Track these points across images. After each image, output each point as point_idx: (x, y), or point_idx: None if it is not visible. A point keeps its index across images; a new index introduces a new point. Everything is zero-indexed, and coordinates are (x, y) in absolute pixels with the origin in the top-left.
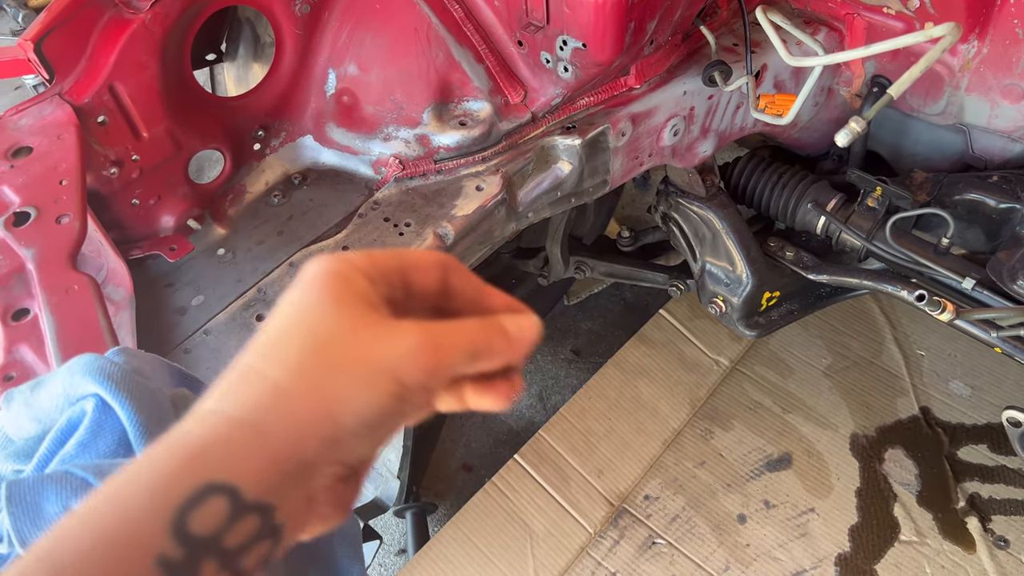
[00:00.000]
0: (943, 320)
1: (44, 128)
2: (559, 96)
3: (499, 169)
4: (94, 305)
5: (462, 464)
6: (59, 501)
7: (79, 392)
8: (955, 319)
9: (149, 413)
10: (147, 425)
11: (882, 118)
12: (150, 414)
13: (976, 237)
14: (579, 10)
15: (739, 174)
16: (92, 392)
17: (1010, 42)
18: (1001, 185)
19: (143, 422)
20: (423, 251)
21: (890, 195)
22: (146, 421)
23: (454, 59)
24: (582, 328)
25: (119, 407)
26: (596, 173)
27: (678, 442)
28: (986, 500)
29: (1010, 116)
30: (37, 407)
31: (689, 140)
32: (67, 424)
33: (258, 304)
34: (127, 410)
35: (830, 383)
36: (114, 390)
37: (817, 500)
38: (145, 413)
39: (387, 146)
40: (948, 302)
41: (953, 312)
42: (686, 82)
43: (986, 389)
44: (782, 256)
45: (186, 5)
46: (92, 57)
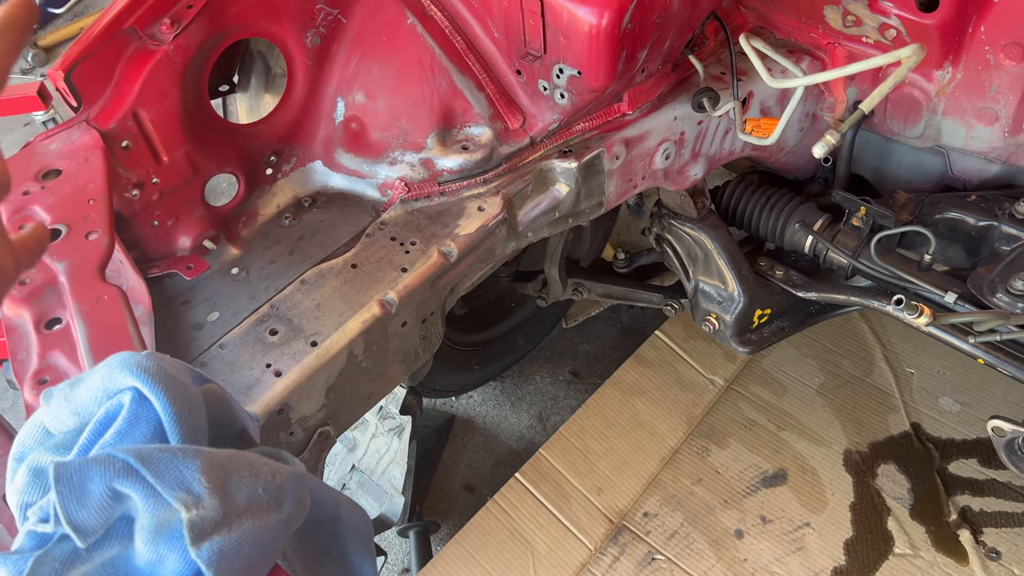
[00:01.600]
0: (921, 324)
1: (72, 152)
2: (556, 121)
3: (500, 191)
4: (123, 313)
5: (464, 484)
6: (103, 481)
7: (117, 386)
8: (932, 323)
9: (183, 404)
10: (181, 415)
11: (865, 143)
12: (183, 405)
13: (957, 254)
14: (574, 40)
15: (729, 196)
16: (129, 386)
17: (982, 68)
18: (979, 204)
19: (177, 412)
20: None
21: (874, 214)
22: (180, 411)
23: (456, 87)
24: (580, 350)
25: (155, 398)
26: (592, 195)
27: (675, 460)
28: (977, 513)
29: (985, 138)
30: (76, 402)
31: (680, 164)
32: (105, 416)
33: (271, 319)
34: (162, 401)
35: (823, 401)
36: (150, 383)
37: (812, 515)
38: (179, 404)
39: (393, 170)
40: (925, 307)
41: (930, 316)
42: (676, 108)
43: (975, 405)
44: (772, 275)
45: (206, 37)
46: (118, 85)
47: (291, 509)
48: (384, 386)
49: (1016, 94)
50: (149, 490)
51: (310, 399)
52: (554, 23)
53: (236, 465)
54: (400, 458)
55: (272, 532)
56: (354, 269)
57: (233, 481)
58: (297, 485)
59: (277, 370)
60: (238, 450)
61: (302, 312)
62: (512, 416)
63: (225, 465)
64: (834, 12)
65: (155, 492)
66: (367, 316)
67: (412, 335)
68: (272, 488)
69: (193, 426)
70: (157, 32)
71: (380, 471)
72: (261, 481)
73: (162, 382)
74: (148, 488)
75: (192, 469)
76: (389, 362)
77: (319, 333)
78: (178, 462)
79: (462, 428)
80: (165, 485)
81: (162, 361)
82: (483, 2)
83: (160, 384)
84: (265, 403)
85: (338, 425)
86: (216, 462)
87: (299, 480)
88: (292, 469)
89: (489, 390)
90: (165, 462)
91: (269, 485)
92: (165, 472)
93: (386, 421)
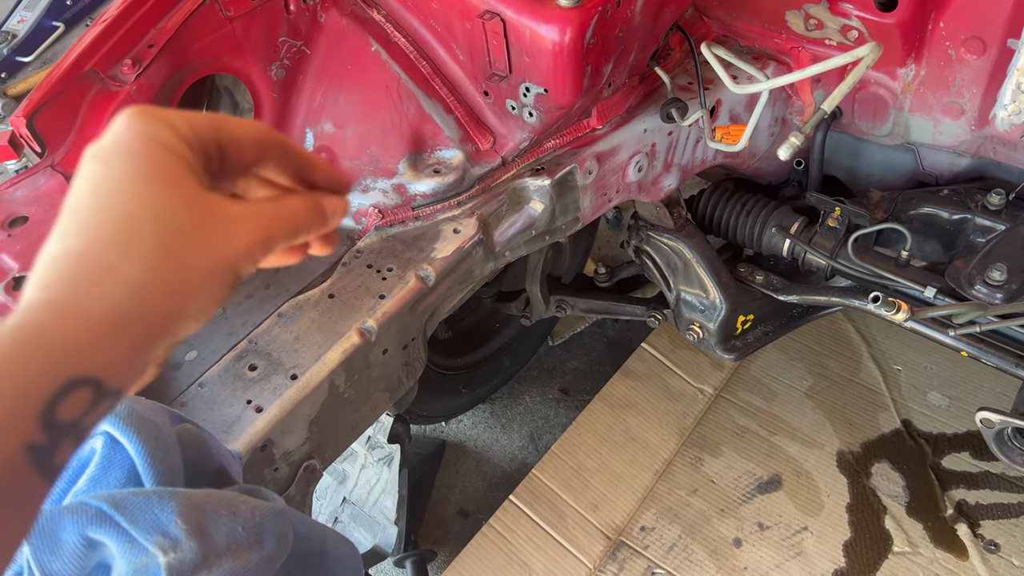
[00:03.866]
0: (899, 320)
1: (39, 198)
2: (526, 140)
3: (474, 212)
4: None
5: (458, 510)
6: (75, 530)
7: None
8: (910, 319)
9: (156, 446)
10: (155, 456)
11: (836, 144)
12: (156, 447)
13: (934, 248)
14: (538, 58)
15: (705, 205)
16: (101, 431)
17: (945, 63)
18: (952, 198)
19: (151, 454)
20: (243, 124)
21: (849, 214)
22: (153, 453)
23: (425, 112)
24: (568, 367)
25: (127, 442)
26: (567, 211)
27: (669, 472)
28: (973, 506)
29: (953, 132)
30: None
31: (653, 175)
32: (77, 463)
33: (250, 355)
34: (135, 444)
35: (813, 403)
36: (121, 426)
37: (809, 518)
38: (152, 446)
39: (366, 197)
40: (902, 303)
41: (908, 312)
42: (646, 120)
43: (963, 398)
44: (752, 280)
45: (168, 75)
46: (82, 129)
47: (272, 546)
48: (368, 416)
49: (980, 87)
50: (124, 536)
51: (293, 433)
52: (517, 43)
53: (214, 505)
54: (391, 487)
55: (254, 570)
56: (331, 299)
57: (211, 521)
58: (278, 521)
59: (258, 406)
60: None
61: (281, 345)
62: (503, 438)
63: (202, 505)
64: (796, 17)
65: (131, 538)
66: (347, 346)
67: (394, 362)
68: (252, 526)
69: (168, 467)
70: (119, 73)
71: (372, 502)
72: (240, 519)
73: (133, 425)
74: (123, 534)
75: (168, 511)
76: (372, 391)
77: (299, 366)
78: (153, 505)
79: (453, 453)
80: (140, 530)
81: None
82: (447, 26)
83: (132, 427)
84: (248, 440)
85: (324, 458)
86: (193, 503)
87: (279, 516)
88: (272, 505)
89: (479, 413)
90: (140, 506)
91: (248, 523)
92: (140, 516)
93: (375, 451)
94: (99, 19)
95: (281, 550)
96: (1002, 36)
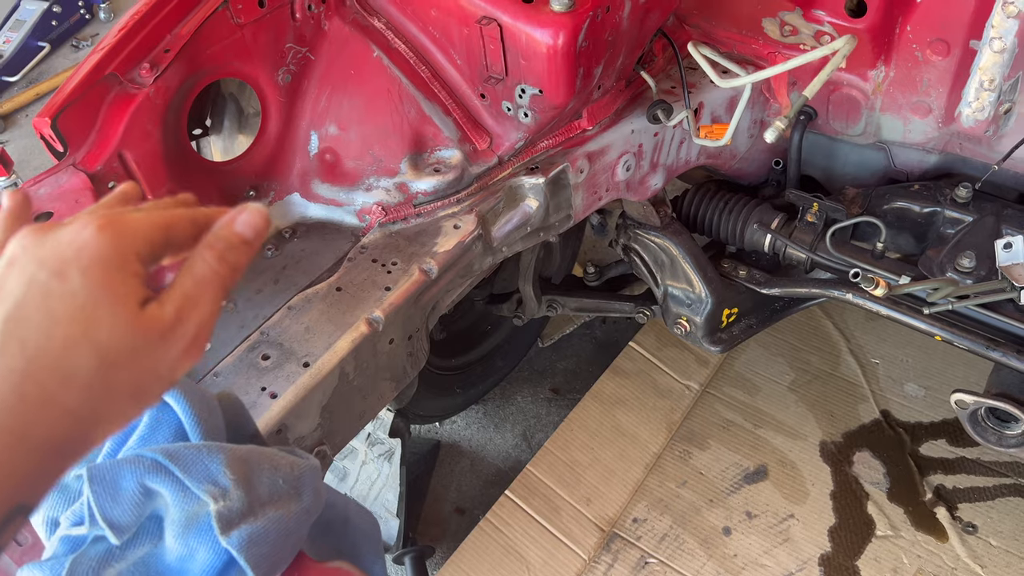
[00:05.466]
0: (879, 295)
1: (62, 195)
2: (521, 140)
3: (473, 208)
4: None
5: (455, 507)
6: (134, 478)
7: None
8: (888, 294)
9: (201, 407)
10: (201, 416)
11: (812, 144)
12: (202, 407)
13: (907, 241)
14: (533, 60)
15: (689, 204)
16: None
17: (912, 64)
18: (923, 192)
19: (197, 413)
20: (186, 223)
21: (826, 209)
22: (200, 412)
23: (425, 114)
24: (558, 368)
25: (175, 403)
26: (560, 208)
27: (659, 465)
28: (951, 490)
29: (921, 130)
30: None
31: (641, 175)
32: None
33: (262, 345)
34: (182, 404)
35: (795, 397)
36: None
37: (795, 506)
38: (198, 407)
39: (369, 196)
40: (880, 280)
41: (885, 287)
42: (633, 122)
43: (938, 388)
44: (736, 275)
45: (184, 78)
46: (102, 129)
47: (310, 499)
48: (375, 404)
49: (945, 86)
50: (178, 485)
51: (306, 418)
52: (513, 46)
53: (257, 459)
54: (392, 481)
55: (295, 520)
56: (339, 292)
57: (255, 473)
58: (314, 477)
59: (273, 392)
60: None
61: (292, 336)
62: (497, 437)
63: (247, 459)
64: (772, 24)
65: (184, 487)
66: (355, 335)
67: (399, 352)
68: (291, 479)
69: (212, 427)
70: (137, 76)
71: (373, 497)
72: (281, 473)
73: (181, 387)
74: (177, 483)
75: (217, 463)
76: (379, 379)
77: (310, 354)
78: (204, 457)
79: (448, 453)
80: (193, 479)
81: None
82: (445, 32)
83: (179, 389)
84: (264, 424)
85: (334, 444)
86: (239, 456)
87: (315, 472)
88: (308, 462)
89: (472, 414)
90: (192, 458)
91: (288, 476)
92: (192, 467)
93: (375, 447)
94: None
95: (317, 504)
96: (965, 38)
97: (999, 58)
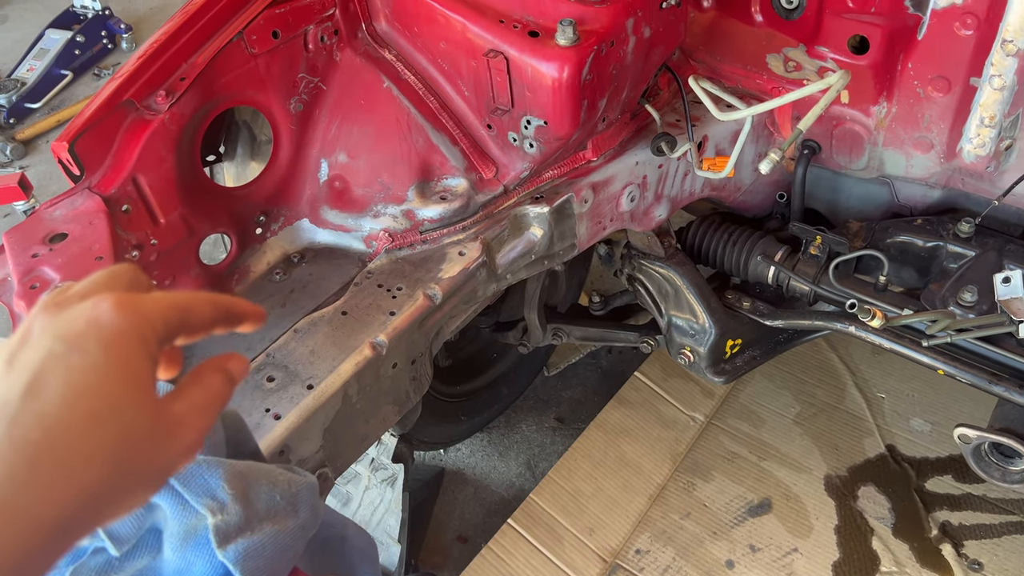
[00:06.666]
0: (875, 326)
1: (77, 217)
2: (527, 170)
3: (478, 236)
4: None
5: (457, 535)
6: None
7: None
8: (885, 325)
9: None
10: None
11: (816, 178)
12: None
13: (910, 274)
14: (539, 92)
15: (694, 235)
16: None
17: (913, 100)
18: (926, 227)
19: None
20: (201, 307)
21: (830, 242)
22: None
23: (432, 143)
24: (563, 396)
25: None
26: (564, 237)
27: (663, 496)
28: (957, 527)
29: (924, 165)
30: None
31: (645, 205)
32: None
33: (268, 367)
34: None
35: (800, 430)
36: None
37: (799, 540)
38: None
39: (377, 222)
40: (876, 311)
41: (882, 318)
42: (637, 154)
43: (944, 424)
44: (740, 306)
45: (198, 106)
46: (117, 153)
47: (306, 515)
48: (378, 427)
49: (947, 122)
50: (177, 498)
51: (309, 440)
52: (520, 79)
53: (255, 474)
54: (394, 507)
55: (291, 535)
56: (344, 316)
57: (253, 489)
58: (311, 493)
59: (276, 413)
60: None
61: (297, 359)
62: (501, 465)
63: (245, 474)
64: (776, 59)
65: (183, 500)
66: (359, 358)
67: (403, 376)
68: (288, 495)
69: (212, 443)
70: (153, 103)
71: (375, 522)
72: (279, 489)
73: None
74: (176, 496)
75: (216, 477)
76: (382, 403)
77: (315, 377)
78: (203, 471)
79: (452, 480)
80: (192, 493)
81: None
82: (453, 64)
83: None
84: (266, 445)
85: (336, 467)
86: (237, 471)
87: (312, 489)
88: (305, 479)
89: (476, 441)
90: (191, 472)
91: (286, 493)
92: (191, 481)
93: (378, 472)
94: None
95: (313, 521)
96: (965, 75)
97: (999, 95)
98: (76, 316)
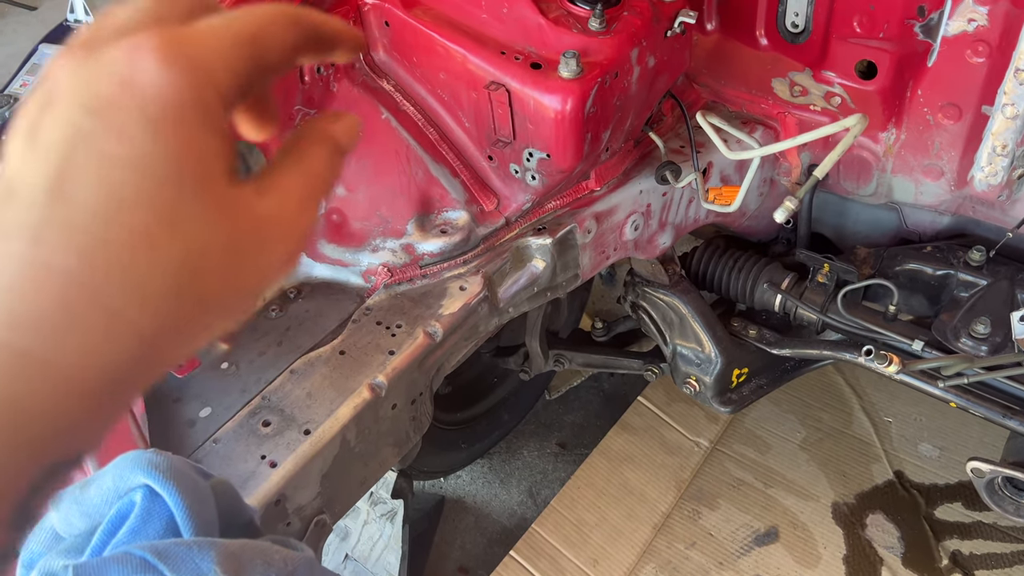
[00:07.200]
0: (891, 372)
1: None
2: (529, 201)
3: (479, 270)
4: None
5: (458, 566)
6: None
7: (128, 485)
8: (901, 371)
9: (194, 498)
10: (193, 508)
11: (823, 203)
12: (194, 498)
13: (920, 303)
14: (541, 125)
15: (698, 262)
16: (141, 484)
17: (923, 127)
18: (936, 255)
19: (189, 506)
20: (277, 27)
21: (838, 270)
22: (192, 505)
23: (432, 175)
24: (565, 421)
25: (167, 494)
26: (568, 268)
27: (668, 525)
28: (967, 556)
29: (933, 192)
30: (87, 503)
31: (649, 234)
32: (117, 515)
33: (263, 411)
34: (174, 496)
35: (807, 455)
36: (161, 479)
37: (807, 570)
38: (190, 498)
39: (375, 256)
40: (894, 356)
41: (899, 365)
42: (641, 182)
43: (953, 449)
44: (746, 335)
45: None
46: None
47: None
48: (377, 470)
49: (958, 150)
50: None
51: (306, 488)
52: (521, 111)
53: (249, 554)
54: (394, 543)
55: None
56: (342, 356)
57: (247, 570)
58: (309, 570)
59: (272, 461)
60: (249, 539)
61: (293, 402)
62: (502, 493)
63: (239, 554)
64: (781, 84)
65: None
66: (358, 401)
67: (403, 417)
68: (285, 574)
69: (205, 519)
70: None
71: (374, 558)
72: (274, 568)
73: (173, 478)
74: None
75: (208, 560)
76: (381, 445)
77: (311, 421)
78: (194, 555)
79: (452, 509)
80: None
81: (171, 457)
82: (453, 95)
83: (171, 480)
84: (262, 495)
85: (334, 513)
86: (230, 552)
87: (310, 565)
88: (302, 555)
89: (477, 468)
90: (181, 556)
91: (282, 571)
92: (182, 566)
93: (377, 507)
94: None
95: None
96: (977, 103)
97: (1011, 124)
98: (106, 72)
